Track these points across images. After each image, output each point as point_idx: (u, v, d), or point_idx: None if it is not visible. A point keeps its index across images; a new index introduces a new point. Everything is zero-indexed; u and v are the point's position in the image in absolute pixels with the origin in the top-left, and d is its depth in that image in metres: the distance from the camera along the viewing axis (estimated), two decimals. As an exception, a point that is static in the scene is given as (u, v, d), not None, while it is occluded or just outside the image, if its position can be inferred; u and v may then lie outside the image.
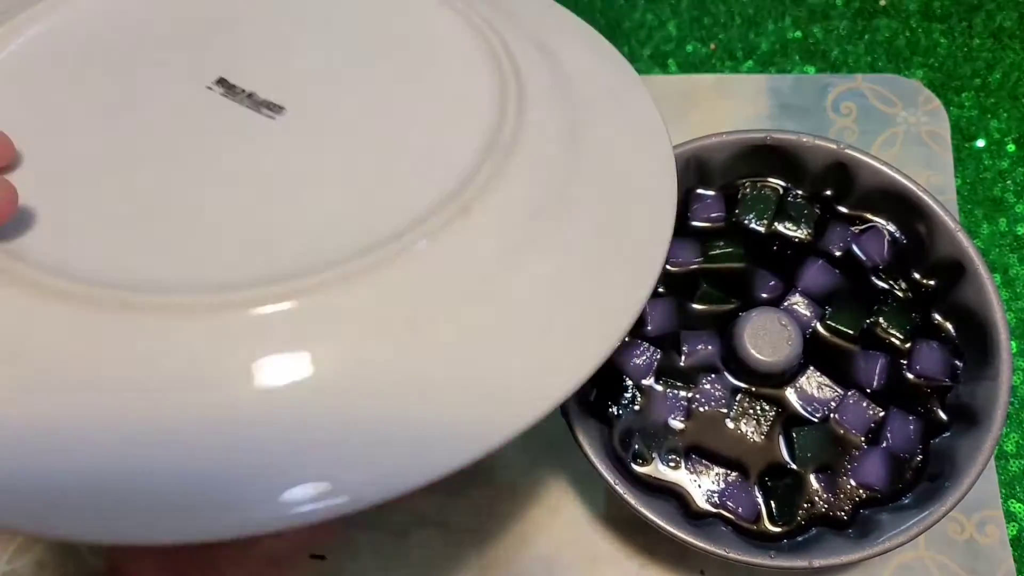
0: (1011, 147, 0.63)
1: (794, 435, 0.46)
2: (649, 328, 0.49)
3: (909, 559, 0.52)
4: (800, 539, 0.45)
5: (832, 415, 0.47)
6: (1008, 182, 0.62)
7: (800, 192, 0.52)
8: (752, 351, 0.46)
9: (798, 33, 0.66)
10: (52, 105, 0.40)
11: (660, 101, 0.62)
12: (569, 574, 0.52)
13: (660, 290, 0.50)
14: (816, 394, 0.47)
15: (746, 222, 0.51)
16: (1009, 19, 0.66)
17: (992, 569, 0.52)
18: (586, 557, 0.53)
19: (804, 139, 0.49)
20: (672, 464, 0.47)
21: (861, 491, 0.46)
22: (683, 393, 0.48)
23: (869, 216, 0.51)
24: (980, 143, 0.63)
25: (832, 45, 0.66)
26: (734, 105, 0.64)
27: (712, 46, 0.66)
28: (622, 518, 0.53)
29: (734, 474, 0.46)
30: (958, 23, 0.66)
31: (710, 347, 0.49)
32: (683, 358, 0.49)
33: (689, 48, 0.66)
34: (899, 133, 0.62)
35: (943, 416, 0.47)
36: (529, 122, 0.39)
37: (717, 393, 0.48)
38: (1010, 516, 0.53)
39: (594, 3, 0.67)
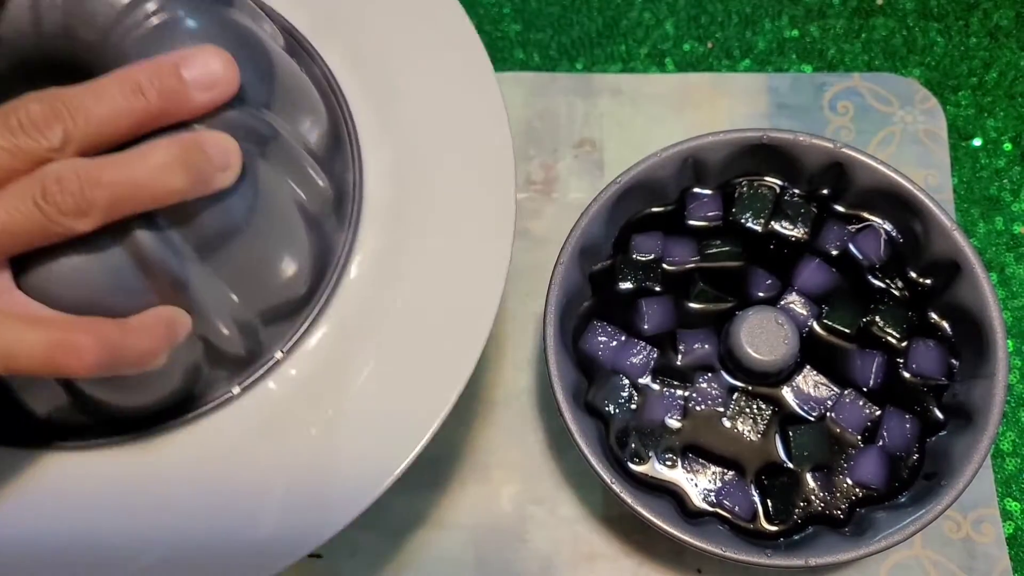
0: (1007, 146, 0.63)
1: (790, 434, 0.47)
2: (646, 327, 0.49)
3: (905, 557, 0.52)
4: (796, 538, 0.45)
5: (828, 414, 0.47)
6: (1004, 181, 0.62)
7: (797, 191, 0.52)
8: (749, 350, 0.46)
9: (795, 32, 0.66)
10: None
11: (657, 100, 0.63)
12: (566, 572, 0.52)
13: (657, 289, 0.50)
14: (812, 393, 0.47)
15: (743, 221, 0.51)
16: (1006, 18, 0.66)
17: (988, 568, 0.52)
18: (583, 555, 0.53)
19: (801, 138, 0.49)
20: (669, 463, 0.47)
21: (857, 490, 0.46)
22: (680, 392, 0.48)
23: (866, 215, 0.51)
24: (977, 142, 0.63)
25: (829, 44, 0.66)
26: (731, 104, 0.64)
27: (709, 45, 0.66)
28: (619, 517, 0.53)
29: (731, 473, 0.46)
30: (955, 22, 0.66)
31: (707, 346, 0.49)
32: (680, 357, 0.49)
33: (686, 47, 0.66)
34: (896, 132, 0.62)
35: (939, 415, 0.47)
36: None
37: (714, 392, 0.48)
38: (1006, 515, 0.53)
39: (591, 2, 0.67)
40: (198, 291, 0.35)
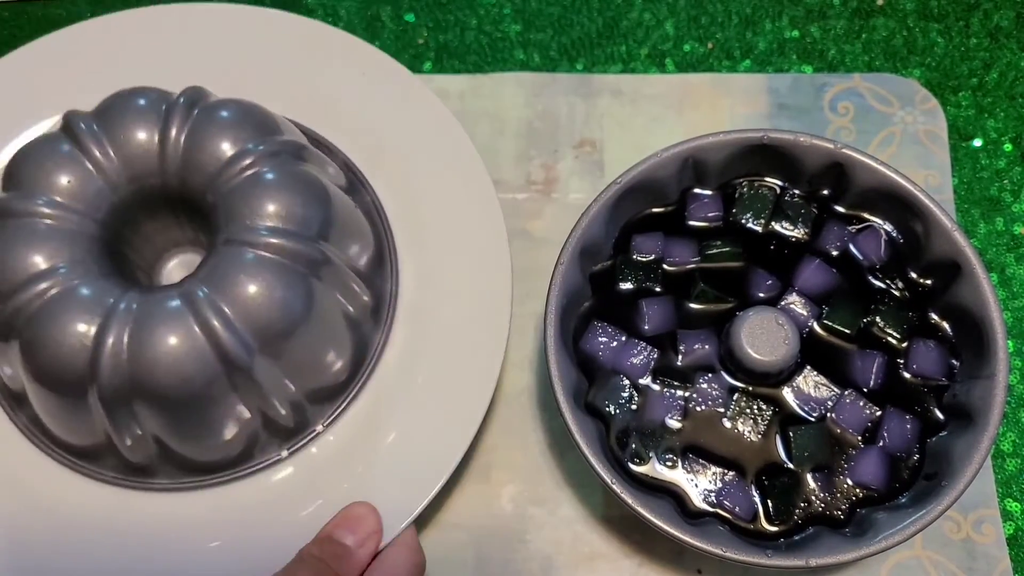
0: (1008, 146, 0.63)
1: (791, 434, 0.47)
2: (647, 327, 0.49)
3: (906, 558, 0.52)
4: (797, 538, 0.45)
5: (829, 414, 0.47)
6: (1005, 181, 0.62)
7: (797, 191, 0.52)
8: (749, 350, 0.46)
9: (795, 32, 0.66)
10: None
11: (657, 100, 0.63)
12: (566, 572, 0.52)
13: (657, 289, 0.50)
14: (813, 393, 0.47)
15: (743, 221, 0.51)
16: (1006, 18, 0.66)
17: (989, 568, 0.52)
18: (583, 555, 0.53)
19: (801, 139, 0.49)
20: (669, 463, 0.47)
21: (858, 490, 0.46)
22: (680, 392, 0.48)
23: (866, 215, 0.51)
24: (977, 142, 0.63)
25: (829, 44, 0.66)
26: (731, 104, 0.64)
27: (710, 45, 0.66)
28: (619, 517, 0.53)
29: (731, 473, 0.46)
30: (955, 22, 0.66)
31: (707, 346, 0.49)
32: (680, 357, 0.49)
33: (687, 47, 0.66)
34: (896, 132, 0.62)
35: (940, 415, 0.47)
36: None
37: (714, 392, 0.48)
38: (1007, 515, 0.53)
39: (591, 2, 0.67)
40: (260, 376, 0.44)
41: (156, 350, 0.42)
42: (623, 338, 0.49)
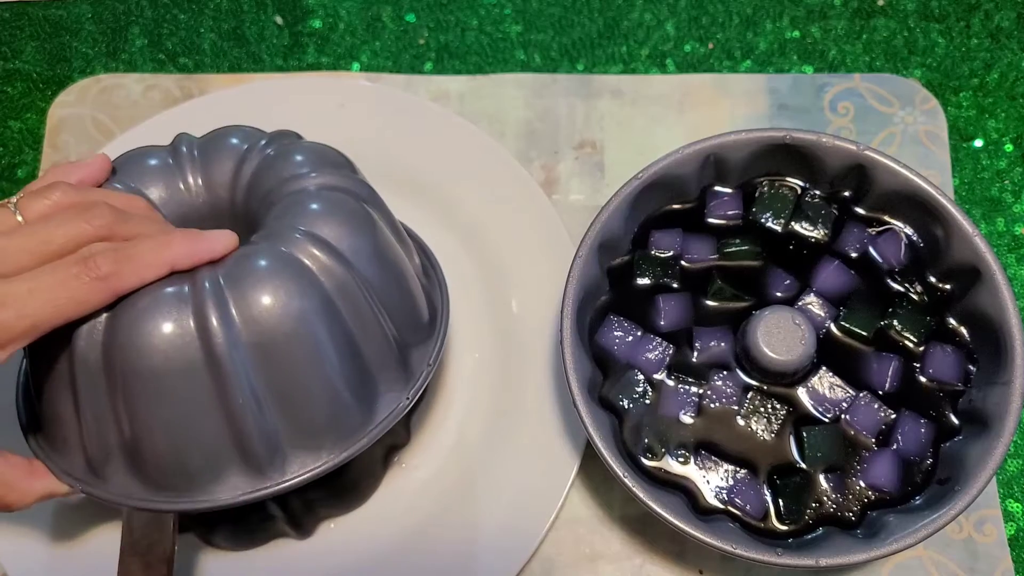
0: (1009, 147, 0.63)
1: (804, 434, 0.47)
2: (662, 323, 0.49)
3: (907, 558, 0.53)
4: (807, 538, 0.45)
5: (843, 416, 0.47)
6: (1006, 182, 0.62)
7: (818, 192, 0.52)
8: (765, 349, 0.46)
9: (796, 33, 0.67)
10: None
11: (658, 101, 0.63)
12: (568, 573, 0.52)
13: (675, 285, 0.50)
14: (828, 394, 0.47)
15: (763, 221, 0.51)
16: (1007, 19, 0.67)
17: (990, 568, 0.52)
18: (586, 556, 0.52)
19: (824, 139, 0.49)
20: (681, 459, 0.47)
21: (870, 492, 0.46)
22: (694, 389, 0.48)
23: (887, 218, 0.51)
24: (978, 143, 0.63)
25: (830, 45, 0.66)
26: (732, 105, 0.64)
27: (710, 46, 0.66)
28: (621, 518, 0.53)
29: (743, 471, 0.46)
30: (956, 23, 0.67)
31: (723, 344, 0.48)
32: (696, 354, 0.48)
33: (687, 48, 0.66)
34: (896, 133, 0.63)
35: (955, 420, 0.47)
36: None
37: (728, 390, 0.48)
38: (1008, 516, 0.54)
39: (592, 3, 0.67)
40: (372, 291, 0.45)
41: (264, 297, 0.40)
42: (639, 333, 0.49)
